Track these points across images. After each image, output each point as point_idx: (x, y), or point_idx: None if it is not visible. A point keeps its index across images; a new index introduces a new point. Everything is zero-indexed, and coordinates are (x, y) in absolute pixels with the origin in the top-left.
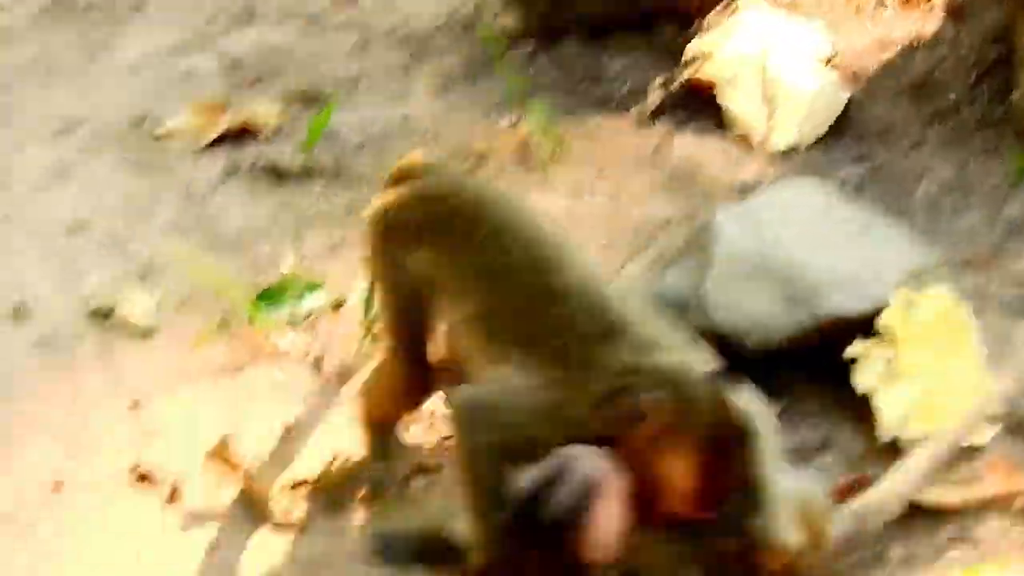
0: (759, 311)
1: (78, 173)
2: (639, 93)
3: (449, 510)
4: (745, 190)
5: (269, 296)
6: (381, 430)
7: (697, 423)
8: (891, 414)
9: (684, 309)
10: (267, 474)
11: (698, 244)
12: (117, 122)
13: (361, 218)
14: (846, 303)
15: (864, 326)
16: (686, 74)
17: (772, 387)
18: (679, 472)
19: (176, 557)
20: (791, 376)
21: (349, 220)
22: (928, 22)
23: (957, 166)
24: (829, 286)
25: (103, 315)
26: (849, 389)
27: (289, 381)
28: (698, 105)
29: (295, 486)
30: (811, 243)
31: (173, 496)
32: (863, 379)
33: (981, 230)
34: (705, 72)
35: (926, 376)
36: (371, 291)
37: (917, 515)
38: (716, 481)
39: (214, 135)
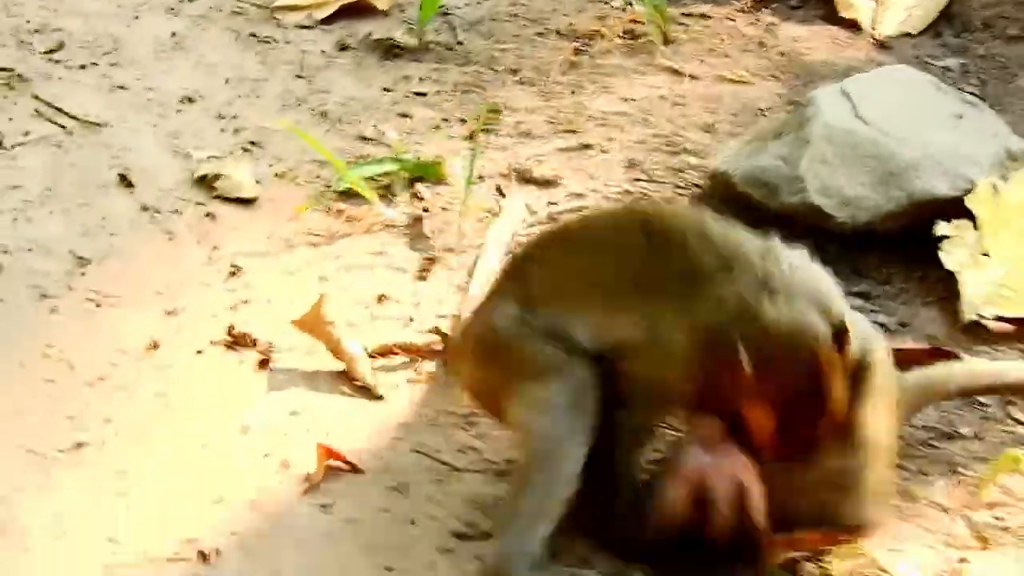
0: (853, 189)
1: (192, 45)
2: None
3: None
4: (850, 75)
5: (371, 167)
6: None
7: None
8: (975, 295)
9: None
10: (357, 340)
11: (797, 122)
12: None
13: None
14: (939, 185)
15: (955, 208)
16: None
17: (861, 264)
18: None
19: (265, 418)
20: (881, 255)
21: (457, 98)
22: None
23: None
24: (923, 168)
25: (208, 184)
26: (935, 271)
27: (388, 251)
28: None
29: (384, 353)
30: (907, 125)
31: (265, 359)
32: (950, 259)
33: None
34: None
35: (1011, 259)
36: (472, 166)
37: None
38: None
39: (330, 11)
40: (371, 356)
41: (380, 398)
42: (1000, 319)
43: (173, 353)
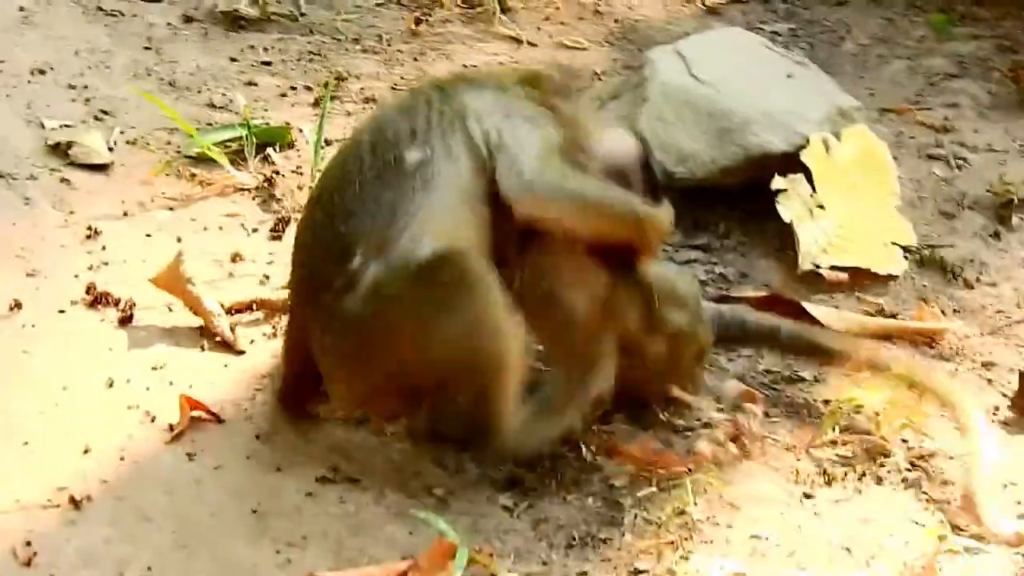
0: (690, 145)
1: (40, 20)
2: None
3: None
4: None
5: (222, 133)
6: None
7: None
8: (810, 245)
9: None
10: (215, 297)
11: (634, 83)
12: None
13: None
14: (773, 140)
15: (790, 163)
16: None
17: (701, 218)
18: None
19: (127, 372)
20: (720, 209)
21: (302, 66)
22: None
23: (884, 21)
24: (758, 124)
25: (62, 151)
26: (773, 224)
27: (241, 213)
28: None
29: (241, 309)
30: (741, 83)
31: (125, 317)
32: (786, 211)
33: (903, 80)
34: None
35: (844, 212)
36: (320, 132)
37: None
38: None
39: None
40: (228, 312)
41: (241, 352)
42: (834, 268)
43: (35, 313)
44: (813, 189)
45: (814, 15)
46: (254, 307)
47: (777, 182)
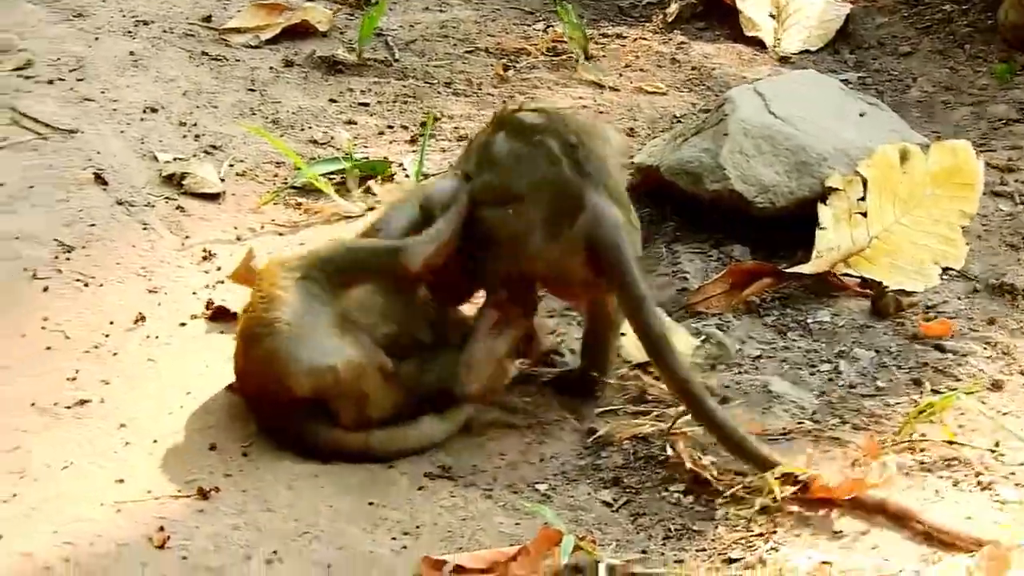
0: (770, 177)
1: (150, 63)
2: (660, 4)
3: None
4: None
5: (327, 165)
6: None
7: None
8: (825, 248)
9: (702, 176)
10: None
11: (715, 119)
12: (185, 20)
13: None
14: (847, 174)
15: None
16: None
17: (776, 245)
18: None
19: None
20: (796, 235)
21: (397, 107)
22: None
23: (948, 71)
24: (833, 158)
25: (176, 182)
26: None
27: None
28: (715, 16)
29: None
30: (816, 120)
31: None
32: (825, 212)
33: (967, 125)
34: None
35: (889, 222)
36: (420, 164)
37: None
38: None
39: (275, 32)
40: None
41: None
42: (847, 275)
43: (158, 325)
44: (866, 194)
45: (882, 65)
46: None
47: (832, 180)
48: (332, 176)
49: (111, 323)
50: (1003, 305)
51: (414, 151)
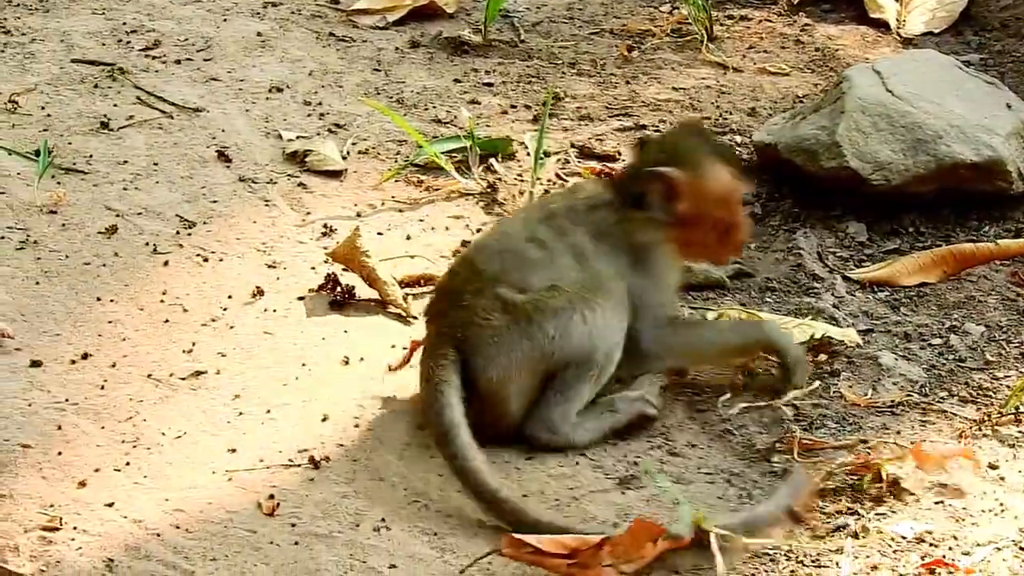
0: (886, 154)
1: (277, 44)
2: None
3: None
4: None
5: (448, 143)
6: None
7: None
8: None
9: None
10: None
11: (833, 97)
12: (313, 1)
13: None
14: (963, 150)
15: (980, 172)
16: None
17: (893, 223)
18: None
19: (359, 352)
20: (912, 213)
21: (521, 87)
22: None
23: None
24: (949, 135)
25: (298, 159)
26: (960, 230)
27: (466, 215)
28: None
29: (409, 283)
30: (933, 99)
31: (360, 304)
32: None
33: None
34: None
35: None
36: (540, 142)
37: None
38: None
39: (401, 13)
40: (400, 284)
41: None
42: None
43: (276, 299)
44: None
45: (1005, 47)
46: (422, 281)
47: None
48: (453, 154)
49: (229, 297)
50: None
51: (536, 130)
